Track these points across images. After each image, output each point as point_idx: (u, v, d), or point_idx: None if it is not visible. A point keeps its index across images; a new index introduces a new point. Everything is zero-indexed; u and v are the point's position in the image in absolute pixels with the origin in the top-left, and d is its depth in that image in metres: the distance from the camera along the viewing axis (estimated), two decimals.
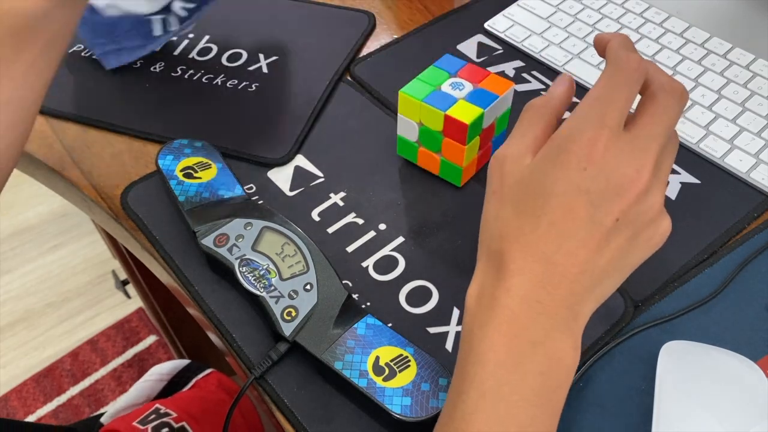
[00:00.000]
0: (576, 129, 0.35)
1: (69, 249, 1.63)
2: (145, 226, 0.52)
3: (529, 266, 0.34)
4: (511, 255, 0.35)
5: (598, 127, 0.34)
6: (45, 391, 1.40)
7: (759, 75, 0.58)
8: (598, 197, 0.34)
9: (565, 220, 0.34)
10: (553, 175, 0.34)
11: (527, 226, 0.35)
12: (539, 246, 0.35)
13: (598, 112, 0.35)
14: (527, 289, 0.34)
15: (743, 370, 0.41)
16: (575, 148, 0.34)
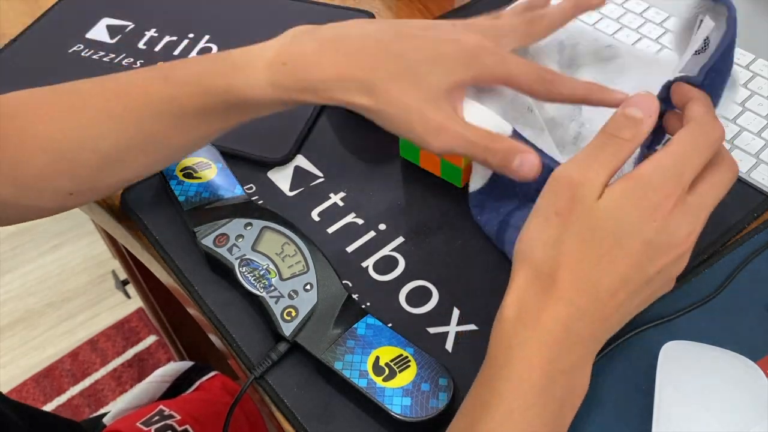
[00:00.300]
0: (657, 181, 0.36)
1: (69, 249, 1.63)
2: (145, 226, 0.52)
3: (578, 297, 0.35)
4: (564, 283, 0.35)
5: (675, 184, 0.36)
6: (45, 391, 1.40)
7: (759, 75, 0.58)
8: (655, 250, 0.36)
9: (623, 264, 0.35)
10: (628, 219, 0.35)
11: (588, 261, 0.35)
12: (593, 282, 0.35)
13: (678, 169, 0.36)
14: (572, 320, 0.35)
15: (743, 370, 0.41)
16: (653, 197, 0.35)
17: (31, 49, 0.67)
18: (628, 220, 0.35)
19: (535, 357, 0.35)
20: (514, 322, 0.36)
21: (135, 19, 0.69)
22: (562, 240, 0.36)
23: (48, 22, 0.70)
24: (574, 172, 0.36)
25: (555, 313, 0.35)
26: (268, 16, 0.68)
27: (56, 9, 0.71)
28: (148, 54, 0.65)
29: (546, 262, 0.36)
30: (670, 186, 0.35)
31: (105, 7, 0.71)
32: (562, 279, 0.35)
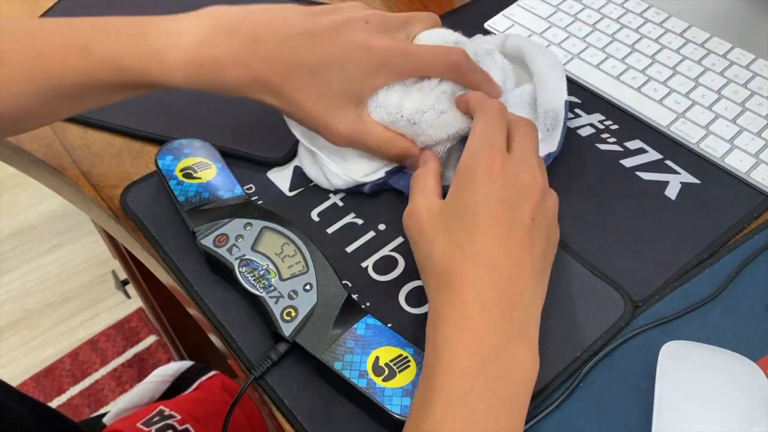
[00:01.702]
0: (475, 155, 0.42)
1: (69, 249, 1.63)
2: (145, 226, 0.52)
3: (477, 274, 0.38)
4: (459, 270, 0.38)
5: (490, 150, 0.42)
6: (45, 391, 1.40)
7: (759, 75, 0.58)
8: (512, 202, 0.40)
9: (494, 226, 0.39)
10: (472, 194, 0.40)
11: (465, 241, 0.39)
12: (482, 254, 0.39)
13: (486, 141, 0.42)
14: (482, 295, 0.37)
15: (743, 370, 0.41)
16: (480, 168, 0.41)
17: None
18: (472, 195, 0.40)
19: (459, 342, 0.36)
20: (435, 325, 0.38)
21: None
22: (435, 246, 0.40)
23: None
24: (408, 208, 0.44)
25: (465, 298, 0.37)
26: None
27: (56, 9, 0.71)
28: None
29: (436, 267, 0.40)
30: (488, 153, 0.41)
31: (105, 7, 0.70)
32: (455, 269, 0.38)
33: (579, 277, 0.48)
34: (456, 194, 0.41)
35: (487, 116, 0.44)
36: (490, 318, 0.37)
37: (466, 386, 0.35)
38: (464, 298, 0.37)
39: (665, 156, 0.55)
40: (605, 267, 0.48)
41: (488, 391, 0.35)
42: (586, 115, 0.58)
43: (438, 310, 0.39)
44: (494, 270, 0.38)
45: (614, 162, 0.54)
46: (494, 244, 0.39)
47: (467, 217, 0.40)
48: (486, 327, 0.37)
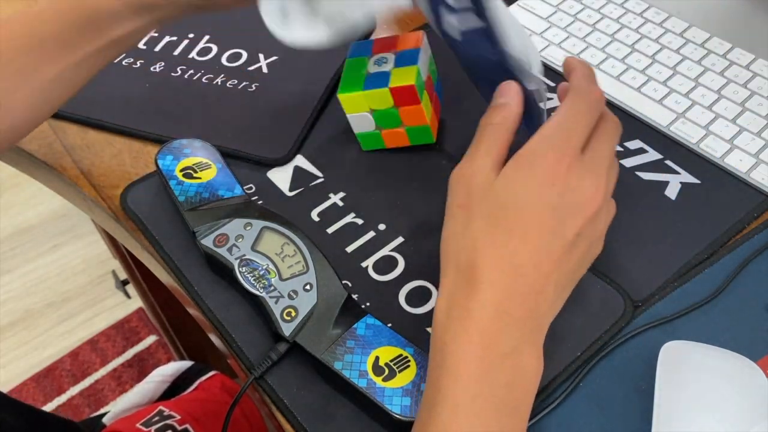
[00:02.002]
0: (542, 149, 0.38)
1: (69, 249, 1.63)
2: (145, 226, 0.52)
3: (500, 278, 0.36)
4: (483, 268, 0.36)
5: (563, 148, 0.37)
6: (45, 391, 1.40)
7: (759, 75, 0.58)
8: (563, 212, 0.37)
9: (535, 233, 0.36)
10: (524, 190, 0.37)
11: (499, 239, 0.37)
12: (511, 258, 0.36)
13: (562, 135, 0.38)
14: (499, 301, 0.36)
15: (743, 370, 0.41)
16: (544, 165, 0.37)
17: None
18: (525, 191, 0.37)
19: (469, 346, 0.35)
20: (445, 320, 0.37)
21: None
22: (470, 228, 0.37)
23: None
24: (463, 167, 0.39)
25: (481, 299, 0.36)
26: None
27: None
28: (148, 54, 0.65)
29: (461, 253, 0.37)
30: (558, 151, 0.37)
31: None
32: (480, 265, 0.36)
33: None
34: (510, 181, 0.38)
35: (578, 101, 0.40)
36: (503, 325, 0.36)
37: (473, 391, 0.35)
38: (481, 300, 0.36)
39: (665, 156, 0.55)
40: (605, 267, 0.48)
41: (494, 397, 0.35)
42: None
43: (450, 303, 0.37)
44: (519, 278, 0.36)
45: None
46: (528, 251, 0.36)
47: (511, 214, 0.37)
48: (497, 334, 0.36)
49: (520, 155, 0.38)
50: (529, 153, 0.38)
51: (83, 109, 0.61)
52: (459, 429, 0.34)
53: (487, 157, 0.39)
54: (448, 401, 0.35)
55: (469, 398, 0.35)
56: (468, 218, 0.38)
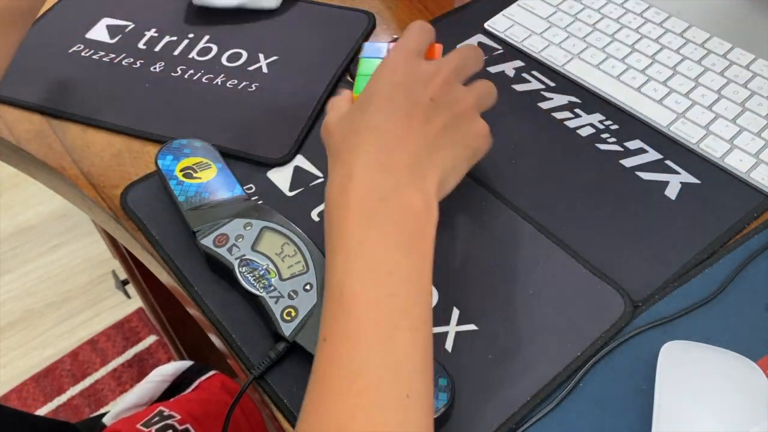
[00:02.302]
0: (386, 59, 0.44)
1: (69, 249, 1.63)
2: (145, 226, 0.52)
3: (365, 142, 0.41)
4: (350, 139, 0.41)
5: (400, 50, 0.44)
6: (45, 391, 1.40)
7: (759, 75, 0.58)
8: (411, 85, 0.42)
9: (388, 103, 0.42)
10: (372, 83, 0.43)
11: (356, 119, 0.42)
12: (370, 122, 0.41)
13: (399, 44, 0.45)
14: (367, 157, 0.40)
15: (743, 370, 0.41)
16: (386, 62, 0.44)
17: (31, 49, 0.67)
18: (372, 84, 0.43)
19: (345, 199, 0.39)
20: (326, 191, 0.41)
21: (135, 19, 0.69)
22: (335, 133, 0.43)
23: (48, 22, 0.70)
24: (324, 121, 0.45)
25: (348, 163, 0.40)
26: (268, 16, 0.68)
27: (56, 9, 0.71)
28: (148, 54, 0.65)
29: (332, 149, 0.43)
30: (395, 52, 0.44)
31: (105, 7, 0.71)
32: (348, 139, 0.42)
33: (579, 277, 0.48)
34: (364, 87, 0.44)
35: (407, 30, 0.46)
36: (374, 174, 0.39)
37: (360, 237, 0.38)
38: (349, 163, 0.40)
39: (665, 156, 0.55)
40: (605, 267, 0.48)
41: (382, 237, 0.38)
42: (586, 115, 0.58)
43: (329, 180, 0.41)
44: (380, 135, 0.41)
45: (614, 162, 0.54)
46: (383, 115, 0.41)
47: (364, 102, 0.42)
48: (370, 183, 0.39)
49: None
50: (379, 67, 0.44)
51: (83, 109, 0.61)
52: (355, 270, 0.37)
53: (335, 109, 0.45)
54: (341, 250, 0.38)
55: (358, 243, 0.38)
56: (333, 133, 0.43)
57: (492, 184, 0.53)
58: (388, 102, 0.42)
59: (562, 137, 0.56)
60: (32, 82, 0.64)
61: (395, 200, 0.39)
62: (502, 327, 0.46)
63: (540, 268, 0.48)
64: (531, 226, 0.51)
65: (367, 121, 0.41)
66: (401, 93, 0.42)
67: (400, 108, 0.41)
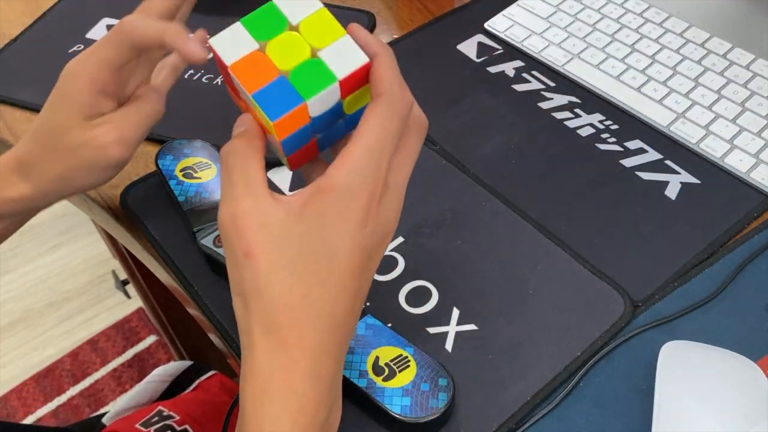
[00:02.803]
0: (356, 185, 0.32)
1: (69, 249, 1.63)
2: (145, 226, 0.52)
3: (318, 338, 0.32)
4: (299, 330, 0.32)
5: (375, 181, 0.33)
6: (45, 391, 1.40)
7: (759, 75, 0.58)
8: (372, 248, 0.33)
9: (349, 279, 0.33)
10: (337, 235, 0.32)
11: (313, 294, 0.32)
12: (329, 315, 0.33)
13: (375, 165, 0.33)
14: (319, 366, 0.32)
15: (743, 370, 0.41)
16: (357, 206, 0.32)
17: (31, 49, 0.67)
18: (337, 236, 0.32)
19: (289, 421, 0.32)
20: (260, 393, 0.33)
21: None
22: (273, 280, 0.32)
23: (48, 22, 0.70)
24: (232, 206, 0.33)
25: (298, 368, 0.32)
26: None
27: (56, 9, 0.71)
28: None
29: (270, 313, 0.32)
30: (371, 184, 0.33)
31: (105, 7, 0.71)
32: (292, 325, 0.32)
33: (579, 277, 0.48)
34: (318, 224, 0.32)
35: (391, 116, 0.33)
36: (323, 391, 0.33)
37: None
38: (300, 369, 0.32)
39: (665, 156, 0.55)
40: (605, 267, 0.48)
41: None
42: (586, 115, 0.58)
43: (264, 374, 0.32)
44: (335, 330, 0.33)
45: (614, 162, 0.54)
46: (345, 300, 0.33)
47: (323, 263, 0.32)
48: (317, 403, 0.32)
49: (329, 193, 0.32)
50: (341, 193, 0.32)
51: None
52: None
53: (246, 190, 0.33)
54: None
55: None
56: (266, 272, 0.32)
57: (492, 184, 0.53)
58: (349, 277, 0.33)
59: (562, 137, 0.56)
60: (32, 82, 0.64)
61: (330, 423, 0.34)
62: (502, 327, 0.46)
63: (540, 268, 0.48)
64: (531, 226, 0.51)
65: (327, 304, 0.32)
66: (363, 262, 0.33)
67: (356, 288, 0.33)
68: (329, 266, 0.32)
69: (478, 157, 0.55)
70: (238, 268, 0.33)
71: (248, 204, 0.32)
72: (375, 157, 0.33)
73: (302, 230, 0.32)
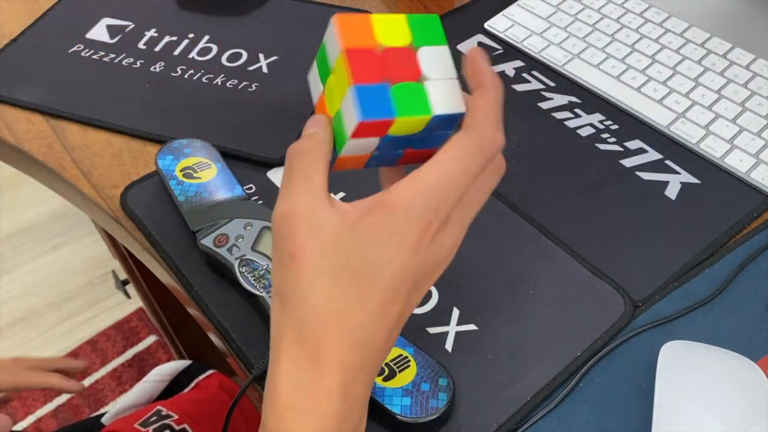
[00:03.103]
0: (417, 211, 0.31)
1: (69, 249, 1.63)
2: (145, 226, 0.52)
3: (349, 357, 0.31)
4: (333, 344, 0.31)
5: (437, 212, 0.32)
6: (45, 392, 1.40)
7: (759, 75, 0.58)
8: (420, 279, 0.32)
9: (393, 305, 0.32)
10: (386, 256, 0.31)
11: (352, 309, 0.31)
12: (363, 333, 0.31)
13: (442, 196, 0.32)
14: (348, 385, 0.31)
15: (743, 370, 0.41)
16: (413, 231, 0.31)
17: (31, 49, 0.67)
18: (386, 256, 0.31)
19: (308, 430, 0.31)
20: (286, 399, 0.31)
21: (135, 19, 0.69)
22: (315, 286, 0.31)
23: (48, 22, 0.70)
24: (288, 206, 0.32)
25: (326, 384, 0.31)
26: (268, 16, 0.68)
27: (56, 9, 0.71)
28: (148, 54, 0.65)
29: (306, 319, 0.31)
30: (432, 214, 0.31)
31: (105, 7, 0.71)
32: (326, 338, 0.31)
33: (579, 277, 0.48)
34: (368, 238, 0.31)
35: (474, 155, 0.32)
36: (348, 409, 0.32)
37: None
38: (328, 385, 0.31)
39: (665, 156, 0.55)
40: (605, 267, 0.48)
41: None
42: (586, 115, 0.58)
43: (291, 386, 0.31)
44: (372, 354, 0.32)
45: (614, 162, 0.54)
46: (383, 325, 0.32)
47: (367, 281, 0.31)
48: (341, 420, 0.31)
49: (388, 209, 0.31)
50: (401, 213, 0.31)
51: (83, 109, 0.61)
52: None
53: (306, 192, 0.32)
54: None
55: None
56: (309, 277, 0.31)
57: None
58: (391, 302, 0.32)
59: (562, 137, 0.56)
60: (32, 82, 0.64)
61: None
62: (502, 327, 0.46)
63: (540, 268, 0.48)
64: (531, 226, 0.51)
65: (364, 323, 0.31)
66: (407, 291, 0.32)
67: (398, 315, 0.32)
68: (372, 285, 0.31)
69: None
70: (282, 268, 0.32)
71: (304, 206, 0.32)
72: (444, 189, 0.32)
73: (353, 242, 0.31)
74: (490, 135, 0.32)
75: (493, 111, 0.33)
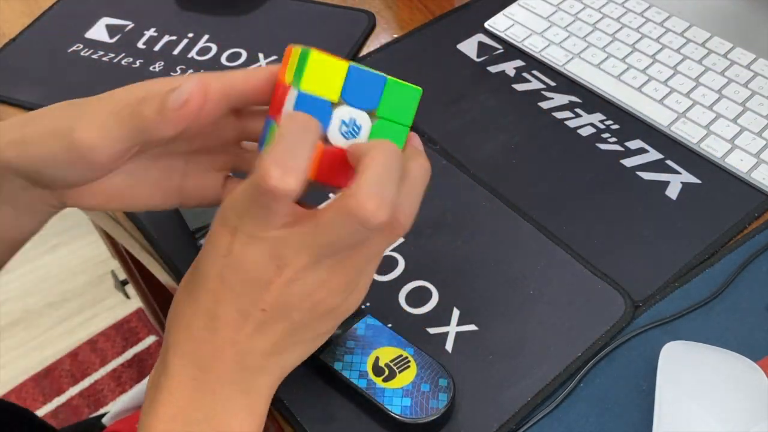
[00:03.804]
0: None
1: (69, 249, 1.63)
2: (145, 226, 0.52)
3: (183, 346, 0.35)
4: (174, 337, 0.35)
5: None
6: (44, 392, 1.40)
7: (760, 75, 0.58)
8: (239, 287, 0.34)
9: (215, 305, 0.34)
10: (207, 258, 0.35)
11: (189, 308, 0.35)
12: (194, 326, 0.35)
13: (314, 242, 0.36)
14: (182, 369, 0.35)
15: (743, 370, 0.41)
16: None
17: (31, 49, 0.67)
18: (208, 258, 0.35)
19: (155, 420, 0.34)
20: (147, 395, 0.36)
21: (134, 18, 0.69)
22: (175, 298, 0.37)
23: (47, 22, 0.69)
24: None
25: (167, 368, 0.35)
26: (268, 16, 0.68)
27: (56, 9, 0.71)
28: (148, 53, 0.65)
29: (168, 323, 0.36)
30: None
31: (104, 6, 0.71)
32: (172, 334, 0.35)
33: (579, 277, 0.48)
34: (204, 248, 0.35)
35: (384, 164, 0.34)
36: (187, 391, 0.34)
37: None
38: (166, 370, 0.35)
39: (666, 156, 0.54)
40: (605, 267, 0.48)
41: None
42: (586, 115, 0.58)
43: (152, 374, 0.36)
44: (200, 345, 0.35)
45: (614, 162, 0.54)
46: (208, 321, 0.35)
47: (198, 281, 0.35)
48: (183, 402, 0.34)
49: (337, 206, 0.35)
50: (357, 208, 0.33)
51: None
52: None
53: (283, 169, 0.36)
54: None
55: None
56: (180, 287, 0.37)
57: (492, 184, 0.53)
58: (216, 304, 0.34)
59: (562, 137, 0.56)
60: (31, 81, 0.64)
61: (213, 423, 0.34)
62: (502, 327, 0.46)
63: (540, 268, 0.48)
64: (531, 226, 0.51)
65: (195, 320, 0.35)
66: (229, 297, 0.34)
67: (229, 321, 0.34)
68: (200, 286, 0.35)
69: (478, 157, 0.55)
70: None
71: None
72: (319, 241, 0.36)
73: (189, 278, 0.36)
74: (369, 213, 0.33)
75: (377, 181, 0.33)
